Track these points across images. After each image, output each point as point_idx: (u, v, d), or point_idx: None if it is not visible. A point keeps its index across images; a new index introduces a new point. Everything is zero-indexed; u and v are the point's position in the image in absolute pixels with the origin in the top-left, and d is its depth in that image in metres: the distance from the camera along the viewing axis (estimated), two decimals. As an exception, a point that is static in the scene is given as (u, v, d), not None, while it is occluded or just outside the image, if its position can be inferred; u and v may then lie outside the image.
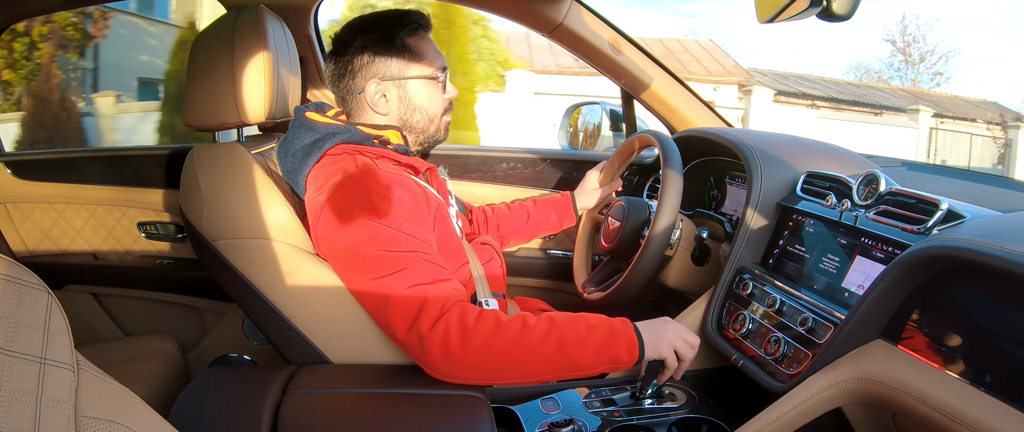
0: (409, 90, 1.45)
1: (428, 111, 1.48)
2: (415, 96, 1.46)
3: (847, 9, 0.98)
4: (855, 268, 1.26)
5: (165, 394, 1.77)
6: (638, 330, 1.27)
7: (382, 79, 1.42)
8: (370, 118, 1.46)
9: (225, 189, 1.36)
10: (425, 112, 1.47)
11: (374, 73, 1.42)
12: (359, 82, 1.43)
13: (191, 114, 1.43)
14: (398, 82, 1.44)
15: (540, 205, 1.94)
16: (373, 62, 1.42)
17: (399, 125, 1.46)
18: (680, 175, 1.54)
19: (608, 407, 1.33)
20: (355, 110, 1.47)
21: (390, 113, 1.45)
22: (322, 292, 1.32)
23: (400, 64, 1.43)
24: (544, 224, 1.93)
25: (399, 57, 1.43)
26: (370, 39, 1.42)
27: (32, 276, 0.68)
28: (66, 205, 2.10)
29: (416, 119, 1.47)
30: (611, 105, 2.37)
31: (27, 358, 0.64)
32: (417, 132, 1.49)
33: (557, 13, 1.87)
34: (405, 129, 1.47)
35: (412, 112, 1.46)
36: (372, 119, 1.46)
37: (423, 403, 1.18)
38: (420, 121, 1.48)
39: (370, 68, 1.42)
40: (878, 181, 1.28)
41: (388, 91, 1.43)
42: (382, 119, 1.46)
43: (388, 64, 1.42)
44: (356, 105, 1.46)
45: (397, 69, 1.43)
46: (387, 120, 1.46)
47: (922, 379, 0.99)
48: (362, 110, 1.46)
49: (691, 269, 1.68)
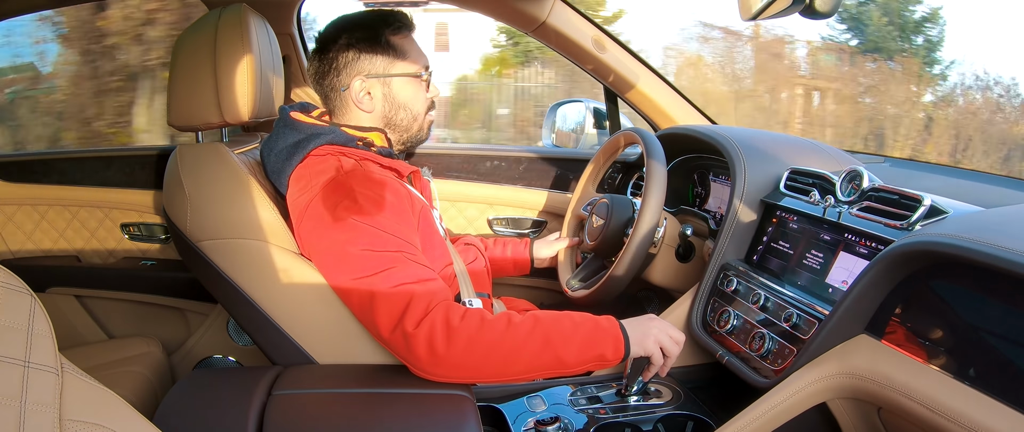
0: (394, 88, 1.45)
1: (412, 109, 1.48)
2: (399, 94, 1.45)
3: (829, 6, 0.99)
4: (839, 264, 1.27)
5: (150, 396, 1.76)
6: (623, 327, 1.28)
7: (367, 76, 1.42)
8: (354, 116, 1.46)
9: (209, 189, 1.36)
10: (409, 110, 1.47)
11: (359, 70, 1.42)
12: (344, 79, 1.42)
13: (174, 114, 1.42)
14: (383, 79, 1.43)
15: (498, 244, 1.89)
16: (358, 59, 1.42)
17: (382, 125, 1.46)
18: (664, 172, 1.54)
19: (594, 404, 1.33)
20: (339, 108, 1.46)
21: (374, 111, 1.45)
22: (307, 292, 1.32)
23: (385, 62, 1.43)
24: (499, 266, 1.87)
25: (384, 55, 1.43)
26: (355, 37, 1.42)
27: (15, 279, 0.68)
28: (49, 207, 2.08)
29: (400, 117, 1.47)
30: (594, 103, 2.37)
31: (10, 362, 0.64)
32: (401, 130, 1.49)
33: (540, 11, 1.87)
34: (389, 128, 1.47)
35: (396, 110, 1.46)
36: (356, 118, 1.46)
37: (409, 402, 1.18)
38: (404, 119, 1.48)
39: (355, 65, 1.42)
40: (861, 177, 1.28)
41: (373, 89, 1.43)
42: (366, 118, 1.45)
43: (373, 61, 1.42)
44: (340, 103, 1.45)
45: (382, 67, 1.43)
46: (371, 118, 1.45)
47: (906, 373, 1.00)
48: (346, 108, 1.45)
49: (676, 266, 1.68)
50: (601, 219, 1.68)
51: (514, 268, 1.88)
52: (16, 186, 2.08)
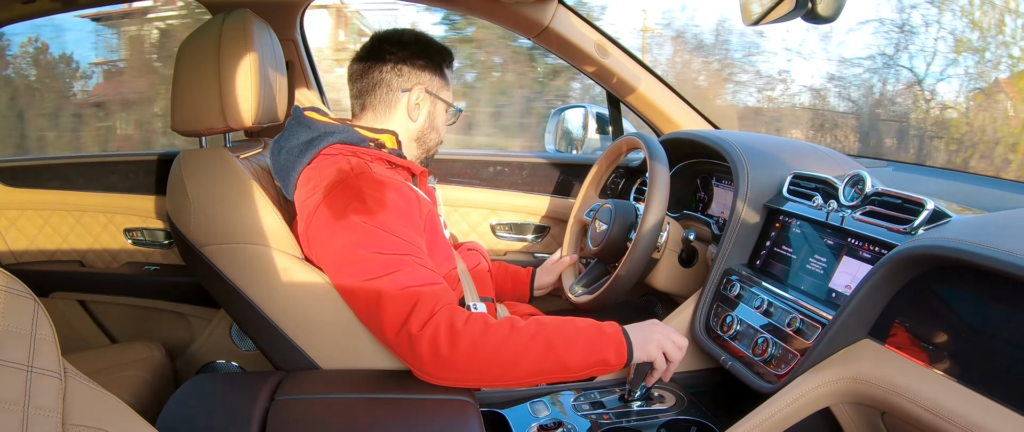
0: (437, 110, 1.55)
1: (440, 133, 1.59)
2: (437, 117, 1.56)
3: (832, 11, 0.99)
4: (842, 269, 1.27)
5: (153, 401, 1.76)
6: (626, 332, 1.28)
7: (427, 90, 1.52)
8: (384, 117, 1.50)
9: (212, 194, 1.36)
10: (438, 133, 1.58)
11: (422, 81, 1.51)
12: (406, 82, 1.49)
13: (178, 119, 1.42)
14: (433, 99, 1.53)
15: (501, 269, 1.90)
16: (424, 72, 1.51)
17: (413, 137, 1.53)
18: (667, 177, 1.54)
19: (597, 410, 1.33)
20: (378, 105, 1.50)
21: (417, 122, 1.53)
22: (310, 297, 1.32)
23: (440, 85, 1.55)
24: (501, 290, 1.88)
25: (441, 79, 1.55)
26: (421, 53, 1.51)
27: (19, 284, 0.68)
28: (52, 211, 2.09)
29: (430, 137, 1.57)
30: (597, 108, 2.37)
31: (14, 366, 0.64)
32: (425, 148, 1.58)
33: (543, 17, 1.88)
34: (417, 141, 1.54)
35: (431, 129, 1.56)
36: (384, 120, 1.50)
37: (412, 407, 1.18)
38: (432, 140, 1.58)
39: (420, 75, 1.51)
40: (864, 181, 1.28)
41: (423, 103, 1.52)
42: (399, 123, 1.51)
43: (433, 80, 1.53)
44: (384, 101, 1.50)
45: (437, 88, 1.54)
46: (406, 126, 1.52)
47: (910, 378, 0.99)
48: (389, 108, 1.50)
49: (679, 271, 1.68)
50: (604, 224, 1.68)
51: (512, 297, 1.88)
52: (20, 191, 2.08)
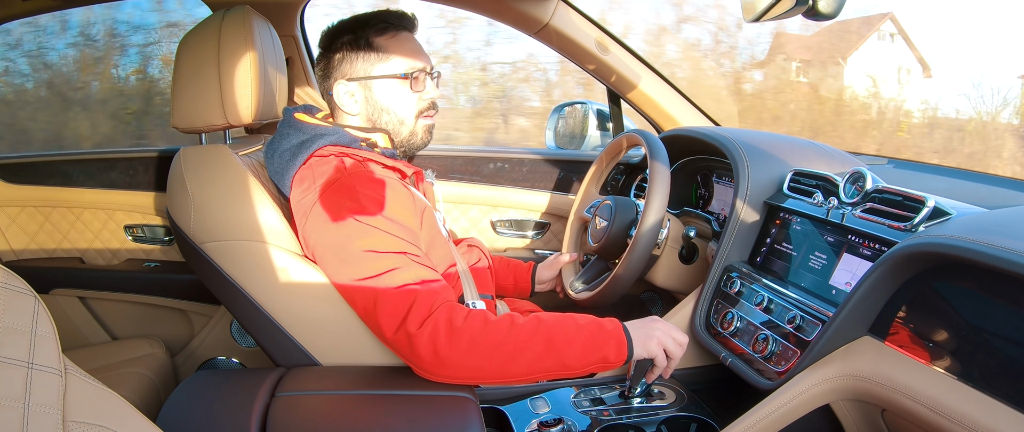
0: (375, 90, 1.43)
1: (396, 113, 1.45)
2: (381, 96, 1.43)
3: (833, 8, 0.99)
4: (842, 266, 1.27)
5: (153, 398, 1.76)
6: (627, 329, 1.28)
7: (349, 79, 1.42)
8: (343, 119, 1.46)
9: (212, 191, 1.36)
10: (393, 113, 1.45)
11: (342, 73, 1.42)
12: (330, 82, 1.43)
13: (178, 116, 1.42)
14: (363, 82, 1.42)
15: (503, 263, 1.87)
16: (343, 62, 1.42)
17: (371, 127, 1.45)
18: (667, 174, 1.54)
19: (597, 406, 1.33)
20: (333, 111, 1.47)
21: (359, 113, 1.44)
22: (310, 294, 1.32)
23: (366, 64, 1.41)
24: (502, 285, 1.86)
25: (365, 56, 1.41)
26: (344, 39, 1.41)
27: (19, 280, 0.68)
28: (52, 208, 2.09)
29: (384, 120, 1.45)
30: (598, 105, 2.37)
31: (14, 363, 0.64)
32: (392, 134, 1.46)
33: (543, 13, 1.87)
34: (380, 131, 1.45)
35: (379, 113, 1.44)
36: (352, 120, 1.45)
37: (412, 404, 1.18)
38: (389, 122, 1.45)
39: (340, 68, 1.42)
40: (864, 178, 1.28)
41: (355, 91, 1.43)
42: (357, 120, 1.45)
43: (355, 64, 1.41)
44: (332, 106, 1.46)
45: (363, 69, 1.41)
46: (359, 121, 1.45)
47: (909, 375, 0.99)
48: (336, 110, 1.46)
49: (679, 268, 1.68)
50: (604, 221, 1.68)
51: (514, 291, 1.86)
52: (20, 187, 2.08)
